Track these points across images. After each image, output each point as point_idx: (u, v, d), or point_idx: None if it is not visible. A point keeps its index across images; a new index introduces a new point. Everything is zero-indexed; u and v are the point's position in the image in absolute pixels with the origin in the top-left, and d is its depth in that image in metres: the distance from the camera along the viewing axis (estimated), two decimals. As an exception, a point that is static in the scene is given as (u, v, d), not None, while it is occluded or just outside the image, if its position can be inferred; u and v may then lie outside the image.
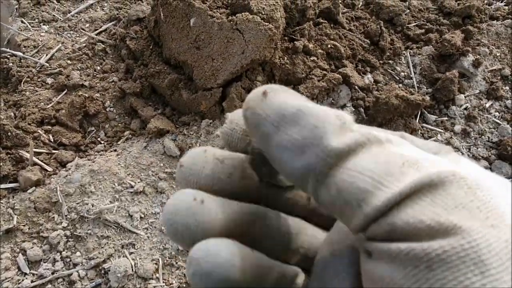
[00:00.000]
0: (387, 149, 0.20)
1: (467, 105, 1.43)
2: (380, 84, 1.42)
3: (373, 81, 1.42)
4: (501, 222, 0.17)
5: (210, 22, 1.20)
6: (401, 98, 1.28)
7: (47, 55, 1.41)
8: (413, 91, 1.42)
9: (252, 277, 0.22)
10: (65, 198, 1.09)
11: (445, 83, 1.40)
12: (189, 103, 1.26)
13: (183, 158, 0.25)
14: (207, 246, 0.22)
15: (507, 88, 1.49)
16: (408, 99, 1.29)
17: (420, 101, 1.30)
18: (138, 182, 1.14)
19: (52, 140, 1.22)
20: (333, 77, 1.30)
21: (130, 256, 1.04)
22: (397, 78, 1.47)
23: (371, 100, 1.34)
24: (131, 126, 1.28)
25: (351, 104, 1.34)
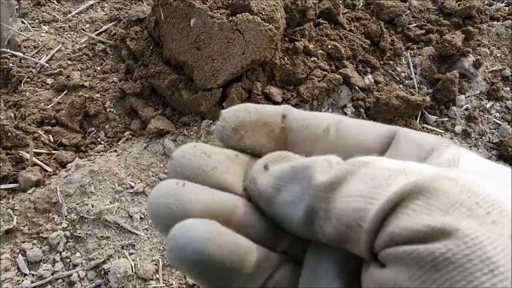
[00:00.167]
0: (372, 167, 0.21)
1: (467, 105, 1.43)
2: (380, 84, 1.42)
3: (373, 82, 1.41)
4: (503, 216, 0.17)
5: (211, 23, 1.20)
6: (402, 98, 1.28)
7: (47, 55, 1.41)
8: (414, 92, 1.42)
9: (228, 255, 0.22)
10: (65, 198, 1.09)
11: (445, 84, 1.39)
12: (189, 104, 1.26)
13: (174, 152, 0.27)
14: (185, 223, 0.22)
15: (508, 88, 1.49)
16: (408, 100, 1.28)
17: (420, 102, 1.29)
18: (138, 183, 1.14)
19: (52, 141, 1.22)
20: (333, 77, 1.29)
21: (130, 256, 1.03)
22: (398, 79, 1.46)
23: (372, 100, 1.34)
24: (131, 127, 1.28)
25: (351, 104, 1.34)
